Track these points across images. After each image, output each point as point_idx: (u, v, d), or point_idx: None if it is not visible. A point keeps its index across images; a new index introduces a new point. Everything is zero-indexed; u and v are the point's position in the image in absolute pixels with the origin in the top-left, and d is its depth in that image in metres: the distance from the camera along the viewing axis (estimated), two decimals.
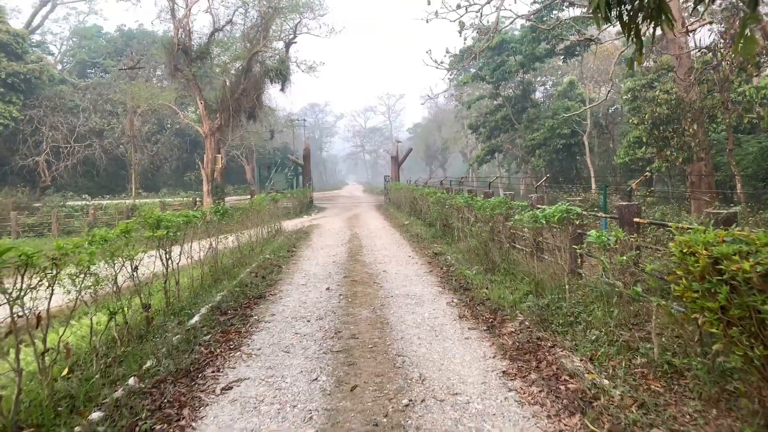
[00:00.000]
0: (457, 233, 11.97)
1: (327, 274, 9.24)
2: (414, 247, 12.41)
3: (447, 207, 11.89)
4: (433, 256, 10.63)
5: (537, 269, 7.12)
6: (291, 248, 12.75)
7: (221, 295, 7.43)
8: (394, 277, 8.82)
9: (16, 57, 38.08)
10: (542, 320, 5.59)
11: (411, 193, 19.95)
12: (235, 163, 55.45)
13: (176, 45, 25.37)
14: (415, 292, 7.57)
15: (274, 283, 8.55)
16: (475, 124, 40.72)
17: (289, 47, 32.47)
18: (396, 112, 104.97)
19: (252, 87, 28.30)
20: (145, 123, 43.32)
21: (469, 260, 9.69)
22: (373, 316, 6.33)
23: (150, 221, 6.53)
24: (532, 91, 40.01)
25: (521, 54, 32.92)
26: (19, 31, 39.76)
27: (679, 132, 17.59)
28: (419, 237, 13.78)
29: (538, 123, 35.02)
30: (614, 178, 34.68)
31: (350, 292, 7.68)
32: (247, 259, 10.74)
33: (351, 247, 12.95)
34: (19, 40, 38.57)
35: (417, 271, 9.34)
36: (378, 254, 11.52)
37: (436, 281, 8.36)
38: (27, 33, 44.08)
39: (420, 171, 77.53)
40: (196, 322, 6.09)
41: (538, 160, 34.69)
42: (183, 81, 27.10)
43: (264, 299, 7.39)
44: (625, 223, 6.36)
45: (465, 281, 7.99)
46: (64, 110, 41.38)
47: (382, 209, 28.02)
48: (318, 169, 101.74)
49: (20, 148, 38.78)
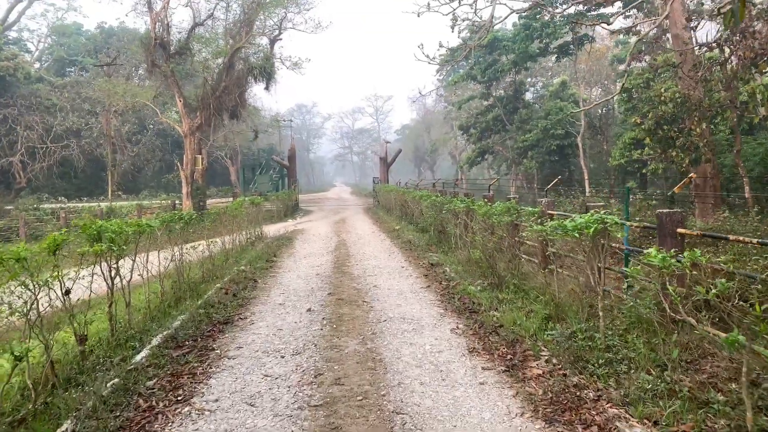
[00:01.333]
0: (455, 241, 10.84)
1: (309, 290, 8.04)
2: (407, 256, 11.26)
3: (444, 212, 10.76)
4: (429, 268, 9.49)
5: (555, 287, 6.01)
6: (271, 257, 11.52)
7: (181, 320, 6.21)
8: (387, 293, 7.66)
9: None
10: (575, 358, 4.47)
11: (402, 196, 18.80)
12: (219, 164, 53.94)
13: (153, 39, 24.00)
14: (412, 314, 6.42)
15: (247, 302, 7.34)
16: (465, 125, 39.73)
17: (274, 44, 31.24)
18: (384, 114, 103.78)
19: (234, 85, 27.00)
20: (125, 123, 41.75)
21: (471, 273, 8.56)
22: (363, 349, 5.15)
23: (89, 233, 5.31)
24: (523, 91, 39.14)
25: (514, 52, 31.99)
26: None
27: (685, 132, 16.68)
28: (412, 244, 12.63)
29: (530, 124, 34.11)
30: (608, 181, 33.89)
31: (335, 315, 6.49)
32: (219, 271, 9.51)
33: (337, 255, 11.76)
34: None
35: (412, 285, 8.18)
36: (367, 264, 10.35)
37: (435, 299, 7.21)
38: (1, 29, 42.33)
39: (408, 173, 76.48)
40: (142, 359, 4.88)
41: (531, 162, 33.77)
42: (161, 78, 25.75)
43: (231, 325, 6.18)
44: (666, 235, 5.26)
45: (469, 300, 6.85)
46: (41, 109, 39.70)
47: (370, 212, 26.84)
48: (305, 170, 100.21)
49: None
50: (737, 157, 16.80)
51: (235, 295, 7.64)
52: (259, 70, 28.51)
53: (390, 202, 23.19)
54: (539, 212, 7.10)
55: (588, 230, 4.50)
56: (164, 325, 6.07)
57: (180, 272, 7.68)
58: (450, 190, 14.40)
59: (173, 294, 7.34)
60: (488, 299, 6.74)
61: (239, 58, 27.87)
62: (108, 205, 27.39)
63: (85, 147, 40.03)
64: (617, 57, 36.70)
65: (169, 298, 7.16)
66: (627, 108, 28.36)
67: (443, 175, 64.45)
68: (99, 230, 5.36)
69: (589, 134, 34.43)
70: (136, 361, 4.82)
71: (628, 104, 28.33)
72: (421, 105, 79.69)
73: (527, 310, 6.19)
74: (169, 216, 7.48)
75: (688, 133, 16.53)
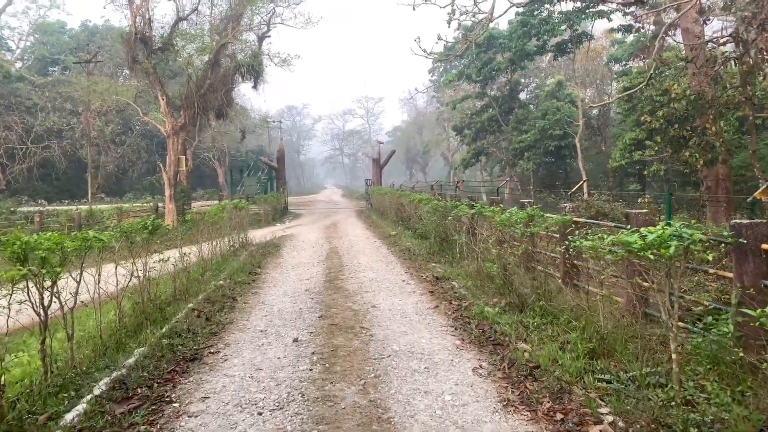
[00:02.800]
0: (460, 249, 9.72)
1: (297, 312, 6.87)
2: (407, 266, 10.11)
3: (450, 219, 9.62)
4: (434, 282, 8.34)
5: (600, 315, 4.90)
6: (255, 269, 10.32)
7: (138, 355, 5.02)
8: (389, 316, 6.50)
9: None
10: (650, 419, 3.35)
11: (398, 199, 17.66)
12: (207, 166, 52.53)
13: (134, 34, 22.71)
14: (422, 346, 5.27)
15: (222, 329, 6.15)
16: (460, 126, 38.72)
17: (263, 41, 30.04)
18: (375, 116, 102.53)
19: (220, 82, 25.74)
20: (108, 123, 40.27)
21: (483, 289, 7.44)
22: (364, 401, 3.99)
23: (12, 251, 4.12)
24: (519, 91, 38.21)
25: (510, 50, 30.97)
26: None
27: (698, 131, 15.72)
28: (411, 253, 11.49)
29: (527, 124, 33.13)
30: (606, 182, 33.02)
31: (328, 348, 5.32)
32: (195, 286, 8.30)
33: (329, 266, 10.58)
34: None
35: (417, 305, 7.04)
36: (363, 277, 9.19)
37: (447, 324, 6.07)
38: None
39: (399, 175, 75.43)
40: (74, 419, 3.69)
41: (528, 164, 32.76)
42: (143, 75, 24.44)
43: (199, 362, 4.99)
44: (747, 252, 4.17)
45: (489, 327, 5.72)
46: (21, 109, 38.15)
47: (363, 216, 25.66)
48: (295, 172, 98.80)
49: None
50: (752, 157, 15.83)
51: (209, 319, 6.44)
52: (247, 67, 27.32)
53: (384, 205, 22.04)
54: (568, 221, 5.99)
55: (665, 250, 3.38)
56: (117, 361, 4.88)
57: (144, 291, 6.48)
58: (451, 193, 13.26)
59: (134, 319, 6.14)
60: (511, 325, 5.61)
61: (225, 55, 26.65)
62: (89, 208, 25.95)
63: (67, 148, 38.56)
64: (614, 56, 35.89)
65: (129, 323, 5.97)
66: (626, 108, 27.49)
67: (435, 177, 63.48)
68: (25, 248, 4.16)
69: (587, 135, 33.51)
70: (65, 423, 3.63)
71: (627, 104, 27.47)
72: (412, 107, 78.81)
73: (561, 340, 5.07)
74: (129, 225, 6.27)
75: (702, 132, 15.57)
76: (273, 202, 24.71)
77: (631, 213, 5.79)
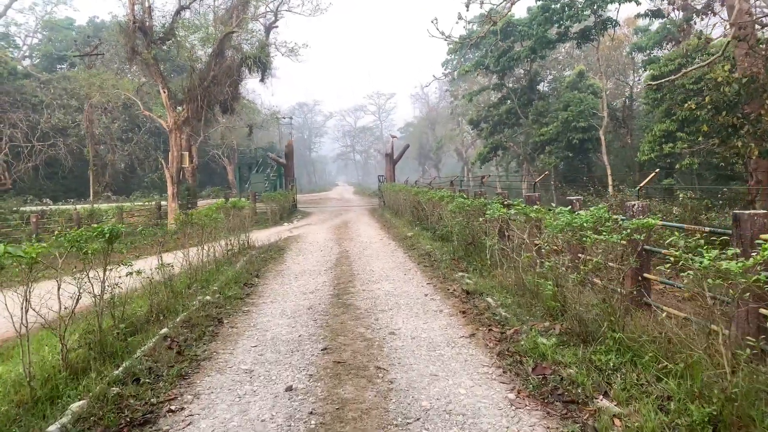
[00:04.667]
0: (490, 255, 8.23)
1: (294, 342, 5.42)
2: (429, 275, 8.62)
3: (481, 221, 8.12)
4: (464, 298, 6.85)
5: (725, 360, 3.40)
6: (252, 279, 8.91)
7: (70, 415, 3.62)
8: (412, 348, 5.04)
9: None
10: None
11: (414, 197, 16.14)
12: (216, 164, 51.45)
13: (132, 23, 21.44)
14: (463, 403, 3.80)
15: (196, 367, 4.72)
16: (476, 119, 37.06)
17: (270, 31, 28.71)
18: (387, 112, 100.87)
19: (224, 74, 24.40)
20: (114, 120, 39.26)
21: (528, 309, 5.95)
22: None
23: None
24: (539, 82, 36.43)
25: (530, 38, 29.28)
26: None
27: (752, 119, 14.01)
28: (432, 258, 10.00)
29: (549, 116, 31.39)
30: (632, 177, 31.21)
31: (331, 404, 3.87)
32: (177, 302, 6.90)
33: (338, 275, 9.13)
34: None
35: (447, 331, 5.57)
36: (378, 290, 7.73)
37: (490, 363, 4.59)
38: None
39: (412, 171, 73.87)
40: None
41: (549, 158, 30.98)
42: (143, 66, 23.20)
43: (151, 428, 3.58)
44: None
45: (551, 370, 4.23)
46: (26, 106, 37.26)
47: (376, 215, 24.19)
48: (307, 170, 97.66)
49: None
50: None
51: (181, 353, 5.02)
52: (254, 59, 25.93)
53: (398, 202, 20.55)
54: (652, 226, 4.47)
55: None
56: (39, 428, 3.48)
57: (101, 315, 5.08)
58: (475, 190, 11.74)
59: (86, 354, 4.75)
60: (580, 367, 4.13)
61: (230, 47, 25.32)
62: (85, 208, 24.81)
63: (73, 146, 37.61)
64: (637, 45, 34.03)
65: (76, 361, 4.58)
66: (654, 98, 25.70)
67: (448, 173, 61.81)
68: None
69: (611, 127, 31.67)
70: None
71: (655, 93, 25.70)
72: (424, 102, 77.12)
73: (658, 394, 3.58)
74: (76, 234, 4.87)
75: (756, 120, 13.86)
76: (280, 200, 23.33)
77: (742, 215, 4.26)
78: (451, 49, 37.08)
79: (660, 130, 24.01)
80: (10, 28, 49.49)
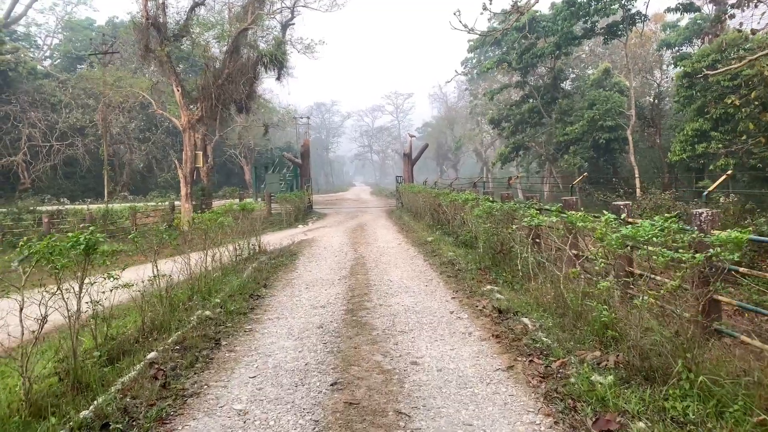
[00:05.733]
0: (522, 265, 7.37)
1: (300, 371, 4.63)
2: (453, 288, 7.77)
3: (515, 228, 7.24)
4: (496, 317, 5.98)
5: None
6: (259, 289, 8.15)
7: None
8: (439, 385, 4.21)
9: None
10: None
11: (434, 200, 15.28)
12: (234, 164, 51.14)
13: (146, 19, 20.95)
14: None
15: (179, 407, 3.94)
16: (497, 118, 36.00)
17: (286, 29, 28.10)
18: (404, 112, 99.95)
19: (239, 72, 23.78)
20: (132, 119, 39.10)
21: (572, 332, 5.08)
22: None
23: None
24: (563, 79, 35.22)
25: (555, 34, 28.19)
26: None
27: None
28: (455, 267, 9.14)
29: (573, 115, 30.22)
30: (661, 179, 29.88)
31: None
32: (175, 317, 6.17)
33: (353, 285, 8.33)
34: None
35: (479, 360, 4.72)
36: (396, 305, 6.91)
37: (536, 408, 3.74)
38: (1, 21, 40.01)
39: (430, 172, 72.91)
40: None
41: (574, 158, 29.79)
42: (157, 64, 22.72)
43: None
44: None
45: (615, 419, 3.37)
46: (45, 106, 37.28)
47: (393, 216, 23.36)
48: (324, 170, 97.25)
49: None
50: None
51: (167, 386, 4.26)
52: (270, 57, 25.26)
53: (417, 205, 19.70)
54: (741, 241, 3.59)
55: None
56: None
57: (75, 340, 4.34)
58: (502, 192, 10.83)
59: (53, 390, 4.02)
60: (651, 419, 3.27)
61: (246, 44, 24.71)
62: (97, 208, 24.43)
63: (90, 145, 37.55)
64: (666, 41, 32.67)
65: (45, 396, 3.86)
66: (685, 95, 24.45)
67: (467, 174, 60.77)
68: None
69: (639, 127, 30.37)
70: None
71: (687, 91, 24.46)
72: (442, 102, 76.02)
73: None
74: (45, 244, 4.13)
75: None
76: (295, 201, 22.64)
77: None
78: (472, 46, 36.19)
79: (692, 129, 22.85)
80: (30, 29, 49.86)
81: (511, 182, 15.64)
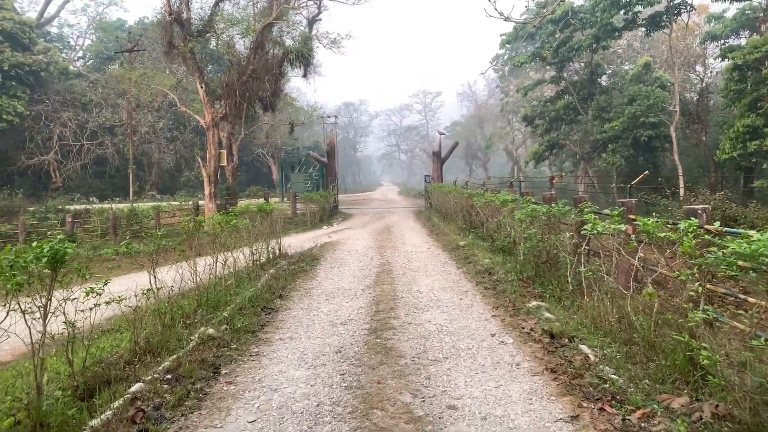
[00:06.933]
0: (571, 276, 6.36)
1: (310, 416, 3.71)
2: (492, 302, 6.79)
3: (569, 236, 6.22)
4: (548, 343, 5.00)
5: None
6: (274, 300, 7.32)
7: None
8: None
9: (22, 48, 34.28)
10: None
11: (466, 200, 14.27)
12: (261, 163, 50.93)
13: (169, 14, 20.52)
14: None
15: None
16: (530, 116, 34.63)
17: (313, 24, 27.35)
18: (433, 111, 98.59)
19: (264, 68, 23.21)
20: (160, 118, 39.13)
21: (644, 365, 4.08)
22: None
23: None
24: (600, 74, 33.62)
25: (593, 26, 26.73)
26: (25, 20, 36.03)
27: None
28: (493, 277, 8.15)
29: (612, 112, 28.68)
30: (706, 179, 28.11)
31: None
32: (169, 336, 5.37)
33: (377, 297, 7.43)
34: (25, 30, 34.72)
35: (533, 406, 3.76)
36: (428, 323, 5.98)
37: None
38: (34, 22, 40.51)
39: (459, 171, 71.55)
40: None
41: (612, 157, 28.22)
42: (180, 60, 22.31)
43: None
44: None
45: None
46: (76, 105, 37.61)
47: (422, 218, 22.38)
48: (351, 169, 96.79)
49: (27, 146, 35.07)
50: None
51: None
52: (296, 54, 24.57)
53: (447, 205, 18.69)
54: None
55: None
56: None
57: (39, 373, 3.56)
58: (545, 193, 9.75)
59: None
60: None
61: (271, 39, 24.11)
62: (123, 207, 24.16)
63: (119, 145, 37.72)
64: (711, 34, 30.77)
65: None
66: (734, 90, 22.80)
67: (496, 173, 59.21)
68: None
69: (683, 123, 28.60)
70: None
71: (737, 85, 22.82)
72: (472, 101, 74.56)
73: None
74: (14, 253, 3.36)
75: None
76: (320, 201, 21.91)
77: None
78: (504, 41, 34.88)
79: (743, 125, 21.29)
80: (63, 29, 50.64)
81: (554, 182, 14.47)
